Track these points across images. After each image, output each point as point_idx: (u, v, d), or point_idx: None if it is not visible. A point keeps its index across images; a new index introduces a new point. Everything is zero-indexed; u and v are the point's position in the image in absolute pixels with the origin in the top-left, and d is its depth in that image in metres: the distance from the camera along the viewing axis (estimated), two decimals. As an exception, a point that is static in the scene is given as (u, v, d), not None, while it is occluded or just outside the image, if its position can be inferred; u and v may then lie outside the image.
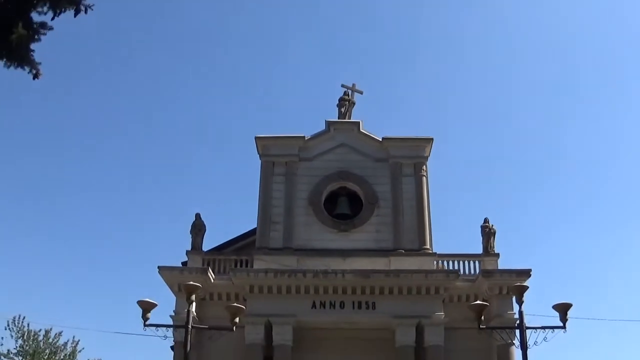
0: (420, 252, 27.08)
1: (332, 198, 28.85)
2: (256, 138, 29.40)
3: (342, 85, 31.25)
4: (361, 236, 27.60)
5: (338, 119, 30.36)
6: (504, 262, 27.23)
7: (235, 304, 19.30)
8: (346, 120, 30.36)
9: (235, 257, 27.92)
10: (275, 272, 25.66)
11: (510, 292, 22.65)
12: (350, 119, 30.45)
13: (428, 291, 25.68)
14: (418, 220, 27.73)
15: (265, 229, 27.65)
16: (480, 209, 67.99)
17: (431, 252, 27.23)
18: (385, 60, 77.90)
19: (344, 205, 28.53)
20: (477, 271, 26.90)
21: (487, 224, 27.71)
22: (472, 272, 27.14)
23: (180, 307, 24.05)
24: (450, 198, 65.31)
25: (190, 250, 27.46)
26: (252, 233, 29.21)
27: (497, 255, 27.22)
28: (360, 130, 29.77)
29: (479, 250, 27.58)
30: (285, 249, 27.10)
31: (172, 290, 26.18)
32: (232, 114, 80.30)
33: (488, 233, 27.55)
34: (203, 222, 27.87)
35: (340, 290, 25.64)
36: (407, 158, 29.08)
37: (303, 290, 25.67)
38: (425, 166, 29.12)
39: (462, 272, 26.88)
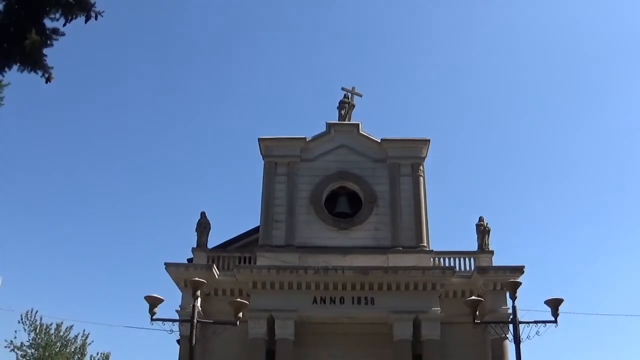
0: (417, 249, 27.33)
1: (333, 197, 29.11)
2: (259, 139, 29.68)
3: (343, 89, 31.46)
4: (360, 234, 27.86)
5: (338, 121, 30.56)
6: (498, 259, 27.60)
7: (238, 299, 19.59)
8: (346, 122, 30.55)
9: (239, 254, 28.09)
10: (278, 268, 25.89)
11: (504, 288, 22.94)
12: (350, 121, 30.66)
13: (425, 287, 25.83)
14: (415, 218, 27.99)
15: (268, 227, 27.91)
16: (475, 208, 68.36)
17: (428, 249, 27.49)
18: (384, 63, 78.53)
19: (343, 204, 28.79)
20: (472, 268, 27.11)
21: (482, 223, 28.00)
22: (468, 268, 27.37)
23: (186, 303, 24.59)
24: (446, 197, 65.90)
25: (195, 247, 27.73)
26: (255, 231, 29.43)
27: (492, 252, 27.52)
28: (360, 131, 30.01)
29: (474, 247, 27.87)
30: (287, 247, 27.32)
31: (178, 286, 26.39)
32: (236, 116, 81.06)
33: (483, 231, 27.84)
34: (208, 221, 28.17)
35: (340, 286, 25.79)
36: (405, 158, 29.32)
37: (304, 286, 25.81)
38: (422, 166, 29.36)
39: (457, 268, 27.05)
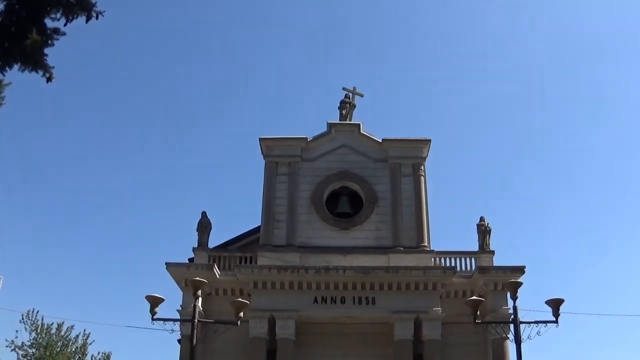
0: (418, 249, 27.36)
1: (334, 197, 29.14)
2: (260, 139, 29.70)
3: (344, 89, 31.50)
4: (361, 234, 27.89)
5: (339, 121, 30.59)
6: (499, 259, 27.60)
7: (239, 299, 19.61)
8: (347, 122, 30.58)
9: (240, 254, 28.11)
10: (279, 268, 25.92)
11: (505, 288, 22.80)
12: (351, 121, 30.68)
13: (426, 287, 25.86)
14: (416, 218, 28.01)
15: (269, 227, 27.94)
16: (476, 208, 68.24)
17: (429, 249, 27.51)
18: (385, 63, 78.56)
19: (344, 204, 28.82)
20: (473, 268, 27.13)
21: (483, 223, 28.04)
22: (469, 268, 27.38)
23: (187, 302, 24.61)
24: (447, 197, 65.95)
25: (196, 247, 27.75)
26: (256, 231, 29.46)
27: (493, 252, 27.55)
28: (361, 131, 30.04)
29: (475, 247, 27.91)
30: (288, 246, 27.36)
31: (179, 285, 26.40)
32: (237, 116, 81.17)
33: (484, 231, 27.86)
34: (209, 220, 28.18)
35: (341, 286, 25.82)
36: (406, 158, 29.34)
37: (305, 286, 25.85)
38: (423, 166, 29.38)
39: (458, 268, 27.07)
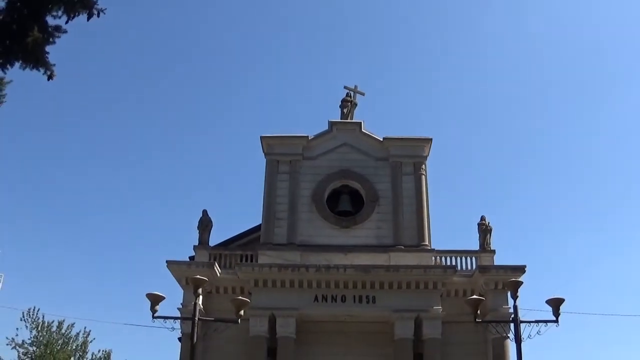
0: (419, 248, 27.38)
1: (335, 196, 29.17)
2: (261, 138, 29.73)
3: (345, 87, 31.62)
4: (362, 232, 27.94)
5: (340, 120, 30.67)
6: (500, 259, 27.68)
7: (240, 297, 19.62)
8: (348, 120, 30.65)
9: (240, 252, 28.16)
10: (279, 266, 25.99)
11: (506, 287, 22.89)
12: (352, 120, 30.76)
13: (426, 286, 25.93)
14: (417, 217, 28.04)
15: (270, 225, 27.98)
16: (477, 207, 68.46)
17: (430, 248, 27.54)
18: (386, 62, 78.59)
19: (345, 202, 28.85)
20: (474, 267, 27.19)
21: (484, 222, 28.08)
22: (469, 267, 27.42)
23: (188, 300, 24.61)
24: (448, 196, 65.94)
25: (197, 245, 27.82)
26: (257, 229, 29.47)
27: (493, 251, 27.60)
28: (362, 130, 30.07)
29: (476, 246, 27.96)
30: (289, 245, 27.41)
31: (179, 283, 26.47)
32: (239, 114, 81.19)
33: (484, 230, 27.91)
34: (210, 219, 28.22)
35: (342, 285, 25.91)
36: (407, 157, 29.38)
37: (306, 284, 25.95)
38: (424, 165, 29.41)
39: (459, 267, 27.13)
